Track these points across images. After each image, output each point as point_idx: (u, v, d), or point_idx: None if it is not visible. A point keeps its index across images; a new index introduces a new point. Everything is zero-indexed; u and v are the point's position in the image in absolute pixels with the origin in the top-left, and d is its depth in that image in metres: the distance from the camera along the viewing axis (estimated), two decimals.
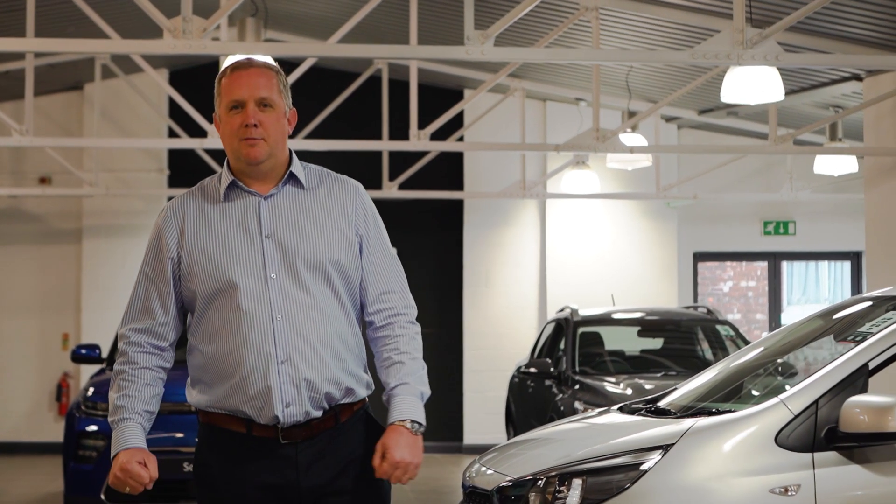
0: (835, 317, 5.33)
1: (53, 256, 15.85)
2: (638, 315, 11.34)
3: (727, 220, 16.41)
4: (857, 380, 4.41)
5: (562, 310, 11.62)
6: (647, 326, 11.15)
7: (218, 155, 14.06)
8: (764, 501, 4.25)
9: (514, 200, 15.61)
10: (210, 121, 11.58)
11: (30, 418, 15.69)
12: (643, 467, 4.34)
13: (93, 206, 15.56)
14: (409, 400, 3.63)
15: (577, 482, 4.38)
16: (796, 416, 4.36)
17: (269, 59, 3.68)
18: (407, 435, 3.58)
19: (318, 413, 3.61)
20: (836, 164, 13.55)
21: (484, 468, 4.90)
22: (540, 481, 4.46)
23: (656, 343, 11.27)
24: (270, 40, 14.25)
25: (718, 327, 10.84)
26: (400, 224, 16.01)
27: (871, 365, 4.45)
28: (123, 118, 15.62)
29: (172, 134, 14.62)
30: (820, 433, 4.33)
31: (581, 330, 10.88)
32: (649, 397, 5.52)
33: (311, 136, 13.20)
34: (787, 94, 13.04)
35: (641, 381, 9.64)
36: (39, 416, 15.61)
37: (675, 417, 4.73)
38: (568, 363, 10.25)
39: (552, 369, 10.31)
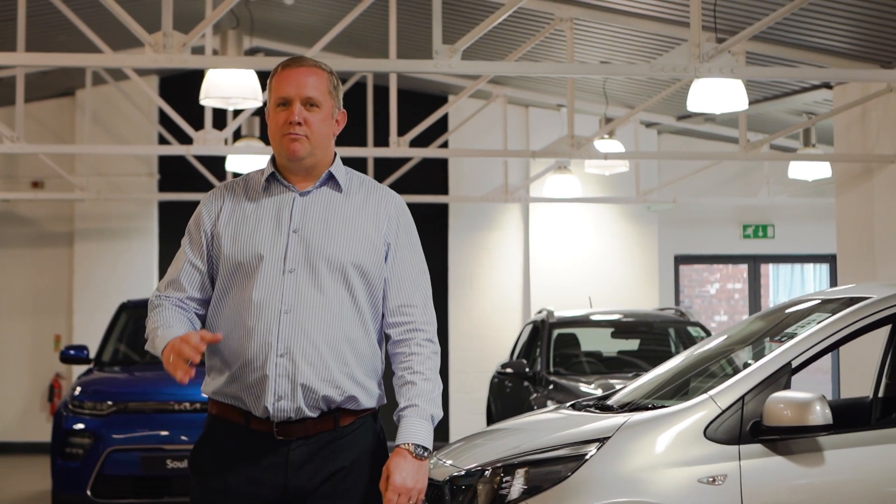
0: (773, 318, 5.63)
1: (46, 259, 16.16)
2: (612, 317, 11.64)
3: (707, 223, 16.74)
4: (781, 377, 4.72)
5: (539, 312, 11.93)
6: (621, 328, 11.46)
7: (206, 160, 14.36)
8: (693, 491, 4.57)
9: (498, 204, 15.91)
10: (196, 128, 11.92)
11: (22, 418, 15.99)
12: (581, 459, 4.65)
13: (84, 210, 15.86)
14: (417, 423, 3.62)
15: (520, 472, 4.69)
16: (724, 411, 4.68)
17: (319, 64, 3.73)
18: (410, 459, 3.56)
19: (314, 413, 3.60)
20: (809, 170, 13.86)
21: (440, 461, 5.21)
22: (487, 472, 4.77)
23: (632, 344, 11.58)
24: (256, 48, 14.58)
25: (690, 328, 11.15)
26: None
27: (794, 363, 4.77)
28: (114, 124, 15.92)
29: (163, 139, 14.93)
30: (745, 427, 4.65)
31: (557, 332, 11.18)
32: (600, 395, 5.83)
33: None
34: (761, 101, 13.42)
35: (613, 381, 9.91)
36: (32, 417, 15.90)
37: (615, 413, 5.04)
38: (542, 364, 10.55)
39: (527, 370, 10.62)
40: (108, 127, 15.89)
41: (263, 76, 11.28)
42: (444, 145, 15.30)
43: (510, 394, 11.29)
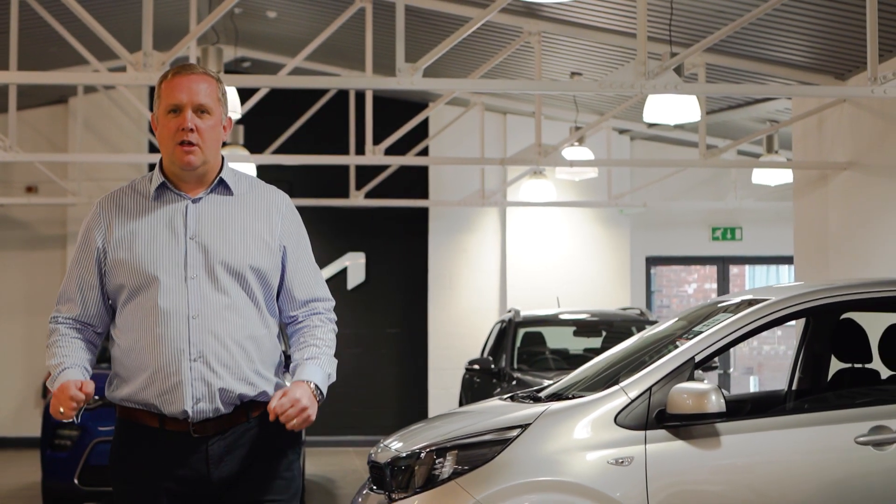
0: (692, 317, 6.19)
1: (39, 261, 16.69)
2: (576, 316, 12.21)
3: (678, 226, 17.32)
4: (685, 370, 5.29)
5: (509, 311, 12.49)
6: (583, 327, 12.03)
7: None
8: (603, 471, 5.14)
9: (476, 208, 16.48)
10: None
11: (17, 414, 16.51)
12: (505, 443, 5.21)
13: (77, 214, 16.38)
14: (317, 370, 3.75)
15: (451, 455, 5.26)
16: (633, 401, 5.25)
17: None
18: (307, 389, 3.68)
19: (229, 409, 3.71)
20: (771, 175, 14.40)
21: (385, 445, 5.76)
22: (423, 454, 5.34)
23: (596, 342, 12.13)
24: (242, 58, 15.15)
25: (649, 327, 11.70)
26: (367, 231, 16.95)
27: (697, 358, 5.33)
28: (106, 130, 16.46)
29: (153, 146, 15.49)
30: (652, 415, 5.22)
31: (524, 330, 11.75)
32: (538, 387, 6.39)
33: (280, 149, 14.04)
34: (725, 109, 13.98)
35: None
36: (26, 413, 16.40)
37: (541, 402, 5.60)
38: (507, 361, 11.12)
39: (493, 366, 11.19)
40: (100, 133, 16.43)
41: (242, 91, 11.78)
42: (425, 151, 15.85)
43: (478, 389, 11.84)
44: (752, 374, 19.60)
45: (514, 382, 10.67)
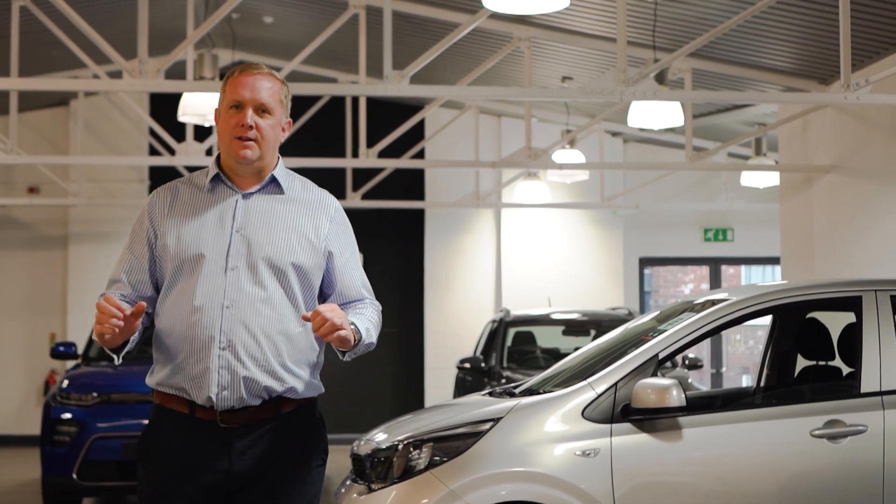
0: (662, 317, 6.45)
1: (41, 261, 16.95)
2: (565, 316, 12.46)
3: (670, 227, 17.57)
4: (649, 367, 5.55)
5: (500, 311, 12.75)
6: (572, 326, 12.28)
7: (193, 167, 15.16)
8: (570, 462, 5.40)
9: (472, 209, 16.73)
10: (182, 138, 12.73)
11: (19, 412, 16.76)
12: (478, 435, 5.47)
13: (78, 215, 16.65)
14: (359, 320, 3.82)
15: (427, 447, 5.53)
16: (599, 396, 5.51)
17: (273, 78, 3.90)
18: (348, 320, 3.74)
19: (256, 402, 3.74)
20: (760, 178, 14.63)
21: (367, 439, 6.02)
22: (400, 446, 5.60)
23: (585, 341, 12.37)
24: (240, 61, 15.38)
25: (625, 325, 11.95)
26: (365, 232, 17.12)
27: (661, 356, 5.59)
28: (106, 132, 16.72)
29: (152, 148, 15.75)
30: (617, 409, 5.48)
31: (515, 329, 12.01)
32: (516, 383, 6.65)
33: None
34: (714, 112, 14.23)
35: None
36: (28, 411, 16.63)
37: (514, 398, 5.86)
38: (497, 359, 11.38)
39: (483, 365, 11.44)
40: (101, 135, 16.69)
41: None
42: (422, 152, 16.12)
43: (469, 387, 12.09)
44: (748, 373, 19.84)
45: (503, 381, 10.92)
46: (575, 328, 12.28)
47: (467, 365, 11.68)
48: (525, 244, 16.88)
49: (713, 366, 17.54)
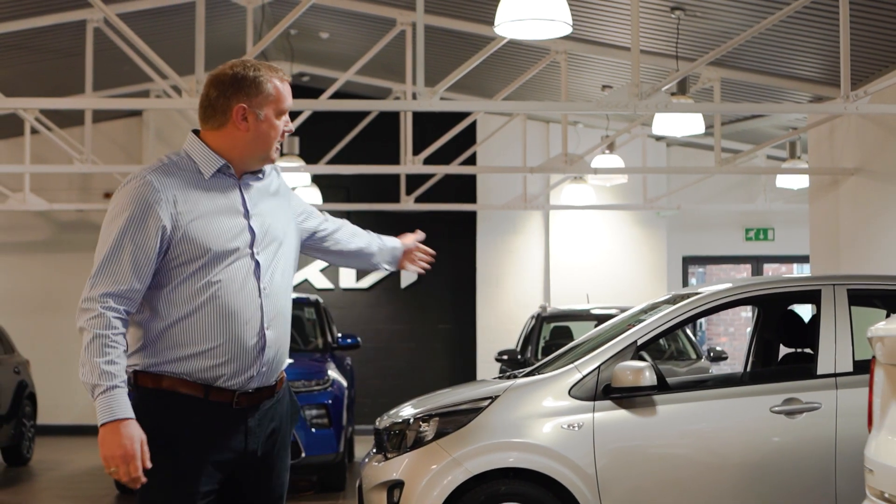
0: (649, 308, 7.21)
1: None
2: (598, 311, 13.20)
3: (712, 227, 18.23)
4: (629, 352, 6.33)
5: (539, 307, 13.53)
6: (602, 321, 12.98)
7: None
8: (558, 434, 6.20)
9: (522, 211, 17.52)
10: None
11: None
12: (478, 411, 6.31)
13: None
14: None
15: (434, 421, 6.38)
16: (584, 377, 6.31)
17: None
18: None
19: (273, 382, 3.83)
20: (792, 180, 15.23)
21: (387, 415, 6.88)
22: (411, 420, 6.45)
23: None
24: (301, 73, 16.33)
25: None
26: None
27: (640, 342, 6.37)
28: (177, 140, 17.69)
29: None
30: (599, 388, 6.27)
31: (552, 324, 12.78)
32: (530, 368, 7.45)
33: (335, 159, 15.18)
34: (749, 118, 14.88)
35: None
36: None
37: (513, 379, 6.67)
38: (532, 351, 12.17)
39: (518, 356, 12.24)
40: (172, 144, 17.70)
41: (309, 91, 12.75)
42: (473, 156, 16.94)
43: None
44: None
45: None
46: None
47: (505, 357, 12.48)
48: (572, 244, 17.65)
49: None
